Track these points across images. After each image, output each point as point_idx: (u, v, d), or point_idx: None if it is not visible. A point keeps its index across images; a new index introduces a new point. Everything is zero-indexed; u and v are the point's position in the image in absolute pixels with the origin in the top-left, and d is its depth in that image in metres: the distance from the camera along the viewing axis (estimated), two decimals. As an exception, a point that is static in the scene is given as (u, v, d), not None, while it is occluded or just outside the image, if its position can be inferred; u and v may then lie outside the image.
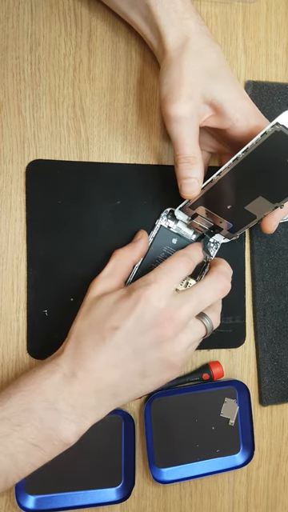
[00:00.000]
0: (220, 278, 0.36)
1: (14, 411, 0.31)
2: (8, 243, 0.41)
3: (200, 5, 0.44)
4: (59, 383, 0.33)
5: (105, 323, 0.33)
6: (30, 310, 0.41)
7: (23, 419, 0.31)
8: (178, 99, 0.35)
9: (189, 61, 0.36)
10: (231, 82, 0.37)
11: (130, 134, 0.43)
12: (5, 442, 0.31)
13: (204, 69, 0.36)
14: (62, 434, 0.32)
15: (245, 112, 0.36)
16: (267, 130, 0.33)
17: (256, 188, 0.37)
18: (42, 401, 0.32)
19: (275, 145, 0.33)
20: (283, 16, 0.46)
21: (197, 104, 0.36)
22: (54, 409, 0.32)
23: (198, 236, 0.43)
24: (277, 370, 0.47)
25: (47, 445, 0.32)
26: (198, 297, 0.35)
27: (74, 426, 0.33)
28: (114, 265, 0.38)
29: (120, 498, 0.43)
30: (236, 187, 0.37)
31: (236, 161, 0.35)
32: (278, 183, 0.36)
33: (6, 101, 0.41)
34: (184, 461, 0.45)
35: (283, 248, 0.47)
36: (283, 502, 0.49)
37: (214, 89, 0.36)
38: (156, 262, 0.42)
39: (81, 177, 0.42)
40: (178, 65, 0.36)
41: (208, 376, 0.45)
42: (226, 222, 0.40)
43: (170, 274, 0.35)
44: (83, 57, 0.42)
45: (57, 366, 0.33)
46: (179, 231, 0.42)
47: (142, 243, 0.40)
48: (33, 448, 0.32)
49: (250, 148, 0.34)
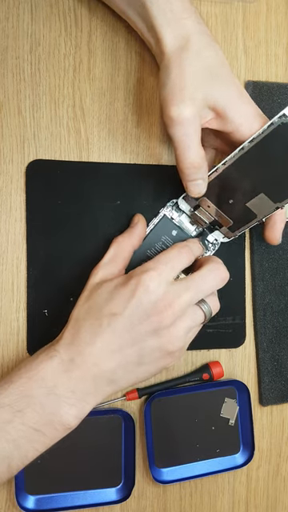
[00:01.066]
0: (217, 265, 0.36)
1: (14, 398, 0.32)
2: (8, 243, 0.41)
3: (200, 5, 0.44)
4: (57, 369, 0.33)
5: (103, 309, 0.34)
6: (30, 310, 0.41)
7: (24, 405, 0.32)
8: (180, 101, 0.35)
9: (189, 61, 0.35)
10: (232, 82, 0.36)
11: (129, 134, 0.43)
12: (7, 428, 0.31)
13: (204, 70, 0.35)
14: (63, 418, 0.33)
15: (248, 116, 0.36)
16: (274, 121, 0.33)
17: (259, 183, 0.37)
18: (41, 386, 0.32)
19: (281, 137, 0.33)
20: (283, 16, 0.46)
21: (199, 106, 0.35)
22: (54, 394, 0.32)
23: (198, 233, 0.43)
24: (277, 370, 0.47)
25: (49, 429, 0.33)
26: (198, 285, 0.35)
27: (75, 410, 0.33)
28: (114, 251, 0.38)
29: (120, 497, 0.43)
30: (239, 180, 0.37)
31: (242, 151, 0.35)
32: (282, 181, 0.36)
33: (6, 101, 0.41)
34: (184, 461, 0.45)
35: (283, 248, 0.47)
36: (283, 502, 0.49)
37: (215, 92, 0.35)
38: (152, 249, 0.42)
39: (81, 177, 0.42)
40: (178, 66, 0.35)
41: (208, 376, 0.45)
42: (227, 217, 0.40)
43: (171, 263, 0.35)
44: (83, 57, 0.42)
45: (55, 352, 0.34)
46: (181, 224, 0.42)
47: (140, 227, 0.40)
48: (35, 433, 0.32)
49: (255, 138, 0.34)
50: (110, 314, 0.33)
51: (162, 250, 0.42)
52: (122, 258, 0.39)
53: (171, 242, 0.42)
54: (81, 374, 0.33)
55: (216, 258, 0.38)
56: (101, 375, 0.33)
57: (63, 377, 0.33)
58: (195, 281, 0.35)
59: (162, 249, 0.42)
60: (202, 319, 0.36)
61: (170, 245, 0.42)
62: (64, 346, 0.34)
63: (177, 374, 0.45)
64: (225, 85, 0.36)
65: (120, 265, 0.38)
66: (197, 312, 0.35)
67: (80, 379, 0.33)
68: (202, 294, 0.35)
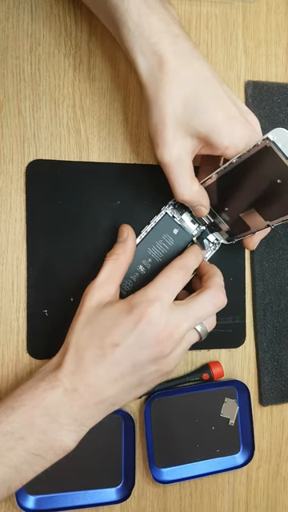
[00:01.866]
0: (217, 293, 0.37)
1: (17, 426, 0.32)
2: (8, 243, 0.41)
3: (200, 5, 0.44)
4: (61, 398, 0.33)
5: (105, 338, 0.34)
6: (30, 310, 0.41)
7: (26, 433, 0.32)
8: (163, 145, 0.34)
9: (165, 98, 0.33)
10: (215, 105, 0.34)
11: (129, 134, 0.43)
12: (9, 455, 0.32)
13: (182, 102, 0.34)
14: (63, 443, 0.33)
15: (233, 139, 0.34)
16: (258, 143, 0.32)
17: (250, 199, 0.37)
18: (44, 415, 0.33)
19: (265, 160, 0.32)
20: (283, 16, 0.46)
21: (183, 144, 0.35)
22: (57, 422, 0.33)
23: (199, 232, 0.43)
24: (277, 370, 0.47)
25: (49, 453, 0.33)
26: (196, 313, 0.36)
27: (75, 435, 0.34)
28: (109, 270, 0.38)
29: (120, 497, 0.43)
30: (231, 191, 0.37)
31: (231, 165, 0.35)
32: (269, 202, 0.36)
33: (6, 101, 0.41)
34: (184, 461, 0.45)
35: (283, 248, 0.47)
36: (283, 502, 0.49)
37: (196, 122, 0.34)
38: (153, 247, 0.42)
39: (81, 177, 0.42)
40: (156, 105, 0.34)
41: (208, 376, 0.45)
42: (224, 223, 0.41)
43: (170, 290, 0.35)
44: (83, 57, 0.42)
45: (58, 382, 0.34)
46: (182, 223, 0.42)
47: (131, 242, 0.39)
48: (35, 457, 0.33)
49: (242, 156, 0.34)
50: (113, 344, 0.33)
51: (162, 248, 0.42)
52: (118, 276, 0.38)
53: (172, 240, 0.42)
54: (84, 402, 0.34)
55: (218, 277, 0.38)
56: (103, 401, 0.34)
57: (66, 406, 0.33)
58: (193, 309, 0.35)
59: (162, 247, 0.42)
60: (197, 340, 0.37)
61: (170, 244, 0.42)
62: (67, 376, 0.34)
63: (177, 374, 0.45)
64: (206, 111, 0.34)
65: (116, 283, 0.38)
66: (193, 335, 0.37)
67: (83, 407, 0.34)
68: (199, 320, 0.36)
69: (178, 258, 0.38)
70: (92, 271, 0.40)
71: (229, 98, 0.35)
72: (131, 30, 0.33)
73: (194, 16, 0.44)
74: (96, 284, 0.37)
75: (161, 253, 0.42)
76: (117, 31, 0.35)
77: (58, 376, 0.34)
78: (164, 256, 0.42)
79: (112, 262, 0.38)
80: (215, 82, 0.35)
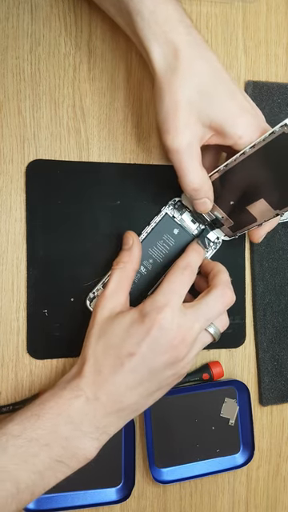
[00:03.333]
0: (225, 291, 0.37)
1: (42, 432, 0.33)
2: (8, 243, 0.41)
3: (200, 5, 0.44)
4: (83, 407, 0.34)
5: (121, 349, 0.35)
6: (30, 310, 0.41)
7: (51, 440, 0.33)
8: (174, 130, 0.34)
9: (180, 84, 0.33)
10: (228, 96, 0.35)
11: (129, 134, 0.43)
12: (34, 461, 0.32)
13: (197, 89, 0.34)
14: (86, 451, 0.34)
15: (247, 128, 0.35)
16: (275, 130, 0.32)
17: (259, 189, 0.37)
18: (68, 423, 0.34)
19: (281, 146, 0.33)
20: (283, 16, 0.46)
21: (194, 130, 0.35)
22: (80, 430, 0.34)
23: (200, 231, 0.43)
24: (277, 370, 0.47)
25: (72, 461, 0.34)
26: (206, 313, 0.36)
27: (97, 443, 0.35)
28: (117, 279, 0.38)
29: (120, 497, 0.43)
30: (240, 183, 0.37)
31: (243, 155, 0.35)
32: (282, 189, 0.36)
33: (6, 101, 0.41)
34: (184, 461, 0.45)
35: (283, 248, 0.47)
36: (283, 502, 0.49)
37: (210, 110, 0.34)
38: (153, 248, 0.42)
39: (81, 177, 0.42)
40: (169, 91, 0.34)
41: (208, 376, 0.45)
42: (228, 217, 0.40)
43: (178, 292, 0.36)
44: (83, 57, 0.42)
45: (80, 391, 0.35)
46: (182, 223, 0.42)
47: (137, 249, 0.39)
48: (59, 464, 0.34)
49: (257, 145, 0.34)
50: (128, 353, 0.34)
51: (163, 248, 0.42)
52: (127, 285, 0.38)
53: (173, 240, 0.42)
54: (105, 411, 0.35)
55: (224, 274, 0.39)
56: (124, 409, 0.35)
57: (89, 414, 0.34)
58: (203, 310, 0.36)
59: (163, 247, 0.42)
60: (211, 341, 0.38)
61: (171, 244, 0.42)
62: (88, 385, 0.35)
63: (177, 374, 0.45)
64: (221, 101, 0.34)
65: (126, 292, 0.38)
66: (206, 336, 0.37)
67: (105, 415, 0.35)
68: (210, 320, 0.37)
69: (181, 259, 0.38)
70: (92, 271, 0.40)
71: (240, 91, 0.36)
72: (145, 18, 0.33)
73: (194, 16, 0.44)
74: (106, 295, 0.37)
75: (162, 253, 0.42)
76: (129, 20, 0.35)
77: (80, 385, 0.35)
78: (165, 256, 0.42)
79: (119, 270, 0.38)
80: (227, 75, 0.35)
